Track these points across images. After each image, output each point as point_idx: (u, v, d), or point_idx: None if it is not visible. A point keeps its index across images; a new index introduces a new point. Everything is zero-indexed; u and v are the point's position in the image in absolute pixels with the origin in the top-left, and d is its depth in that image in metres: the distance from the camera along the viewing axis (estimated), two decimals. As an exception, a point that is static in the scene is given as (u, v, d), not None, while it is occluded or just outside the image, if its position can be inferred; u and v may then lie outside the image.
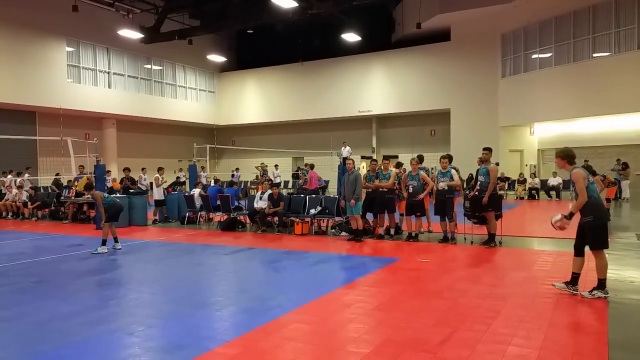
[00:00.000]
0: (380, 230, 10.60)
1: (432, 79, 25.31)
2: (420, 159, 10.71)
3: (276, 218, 11.91)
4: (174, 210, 14.61)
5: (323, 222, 11.83)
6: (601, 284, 5.78)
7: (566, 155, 5.97)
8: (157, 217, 14.33)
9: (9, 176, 17.96)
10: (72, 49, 23.75)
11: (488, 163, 9.31)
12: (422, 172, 10.09)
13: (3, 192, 17.57)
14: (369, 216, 10.91)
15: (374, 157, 24.19)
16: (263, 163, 24.23)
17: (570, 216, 5.83)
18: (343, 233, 10.95)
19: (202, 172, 18.07)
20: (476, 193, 9.20)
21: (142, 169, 17.49)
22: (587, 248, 5.90)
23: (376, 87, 27.08)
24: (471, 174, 14.93)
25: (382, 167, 10.67)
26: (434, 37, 24.71)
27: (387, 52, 26.69)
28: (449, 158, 9.87)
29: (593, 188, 5.80)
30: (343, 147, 22.79)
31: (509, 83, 23.22)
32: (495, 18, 22.82)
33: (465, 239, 9.96)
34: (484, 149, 9.48)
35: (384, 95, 26.83)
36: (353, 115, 27.66)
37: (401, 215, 10.86)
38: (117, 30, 22.55)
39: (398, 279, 6.99)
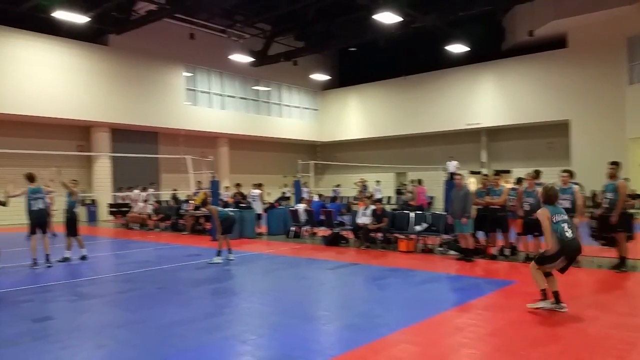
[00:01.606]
0: (493, 250, 10.03)
1: (547, 89, 23.74)
2: (537, 173, 10.01)
3: (380, 234, 11.78)
4: (279, 224, 15.09)
5: (429, 239, 11.47)
6: None
7: None
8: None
9: (136, 191, 19.77)
10: (190, 74, 25.76)
11: (616, 179, 8.45)
12: (538, 189, 9.40)
13: (131, 205, 19.35)
14: (480, 235, 10.37)
15: (485, 171, 23.16)
16: (363, 179, 24.25)
17: None
18: (451, 252, 10.51)
19: (304, 188, 18.50)
20: (603, 212, 8.37)
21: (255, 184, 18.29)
22: None
23: (485, 99, 25.99)
24: (595, 191, 13.65)
25: (494, 183, 10.12)
26: (548, 44, 23.24)
27: (496, 62, 25.57)
28: (570, 173, 9.11)
29: None
30: (449, 162, 22.09)
31: (638, 90, 21.03)
32: (619, 21, 20.90)
33: (592, 262, 9.07)
34: (611, 163, 8.62)
35: (494, 106, 25.64)
36: (460, 129, 26.74)
37: (517, 234, 10.17)
38: (229, 55, 24.10)
39: (515, 304, 6.51)
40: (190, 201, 17.02)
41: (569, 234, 5.78)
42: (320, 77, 29.28)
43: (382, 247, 11.60)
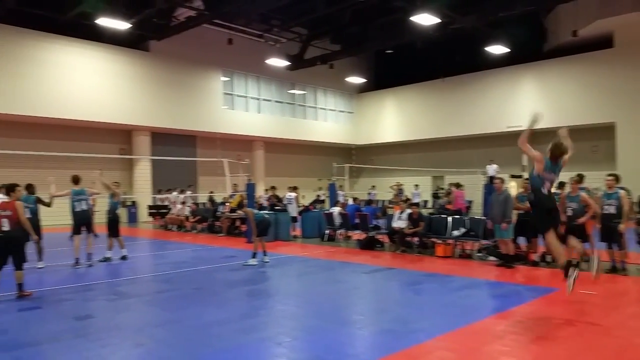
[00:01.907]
0: (535, 257, 9.70)
1: (592, 90, 22.89)
2: (581, 178, 9.63)
3: (416, 238, 11.60)
4: (314, 227, 15.09)
5: (467, 244, 11.21)
6: None
7: None
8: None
9: (174, 193, 20.18)
10: (227, 79, 26.16)
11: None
12: (582, 193, 9.04)
13: (169, 207, 19.77)
14: (521, 240, 10.06)
15: (526, 175, 22.51)
16: (398, 182, 23.99)
17: None
18: (491, 258, 10.23)
19: (339, 191, 18.45)
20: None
21: (290, 187, 18.37)
22: None
23: (526, 101, 25.26)
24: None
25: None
26: (593, 44, 22.41)
27: (538, 63, 24.84)
28: (616, 177, 8.72)
29: None
30: (489, 165, 21.58)
31: (688, 91, 20.02)
32: (668, 19, 19.97)
33: (638, 270, 8.65)
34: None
35: (536, 108, 24.85)
36: (500, 132, 26.09)
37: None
38: (265, 59, 24.34)
39: (558, 312, 6.27)
40: (226, 203, 17.24)
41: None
42: (356, 79, 29.19)
43: (419, 251, 11.41)
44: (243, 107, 26.95)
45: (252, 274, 9.28)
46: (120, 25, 18.43)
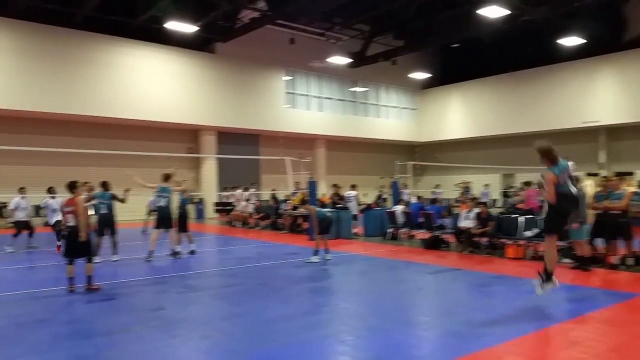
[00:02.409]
0: (614, 259, 9.06)
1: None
2: (622, 175, 8.90)
3: (484, 239, 11.17)
4: (376, 225, 14.94)
5: (540, 246, 10.63)
6: None
7: None
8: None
9: (239, 190, 20.67)
10: (289, 78, 26.46)
11: None
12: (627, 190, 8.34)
13: (234, 204, 20.28)
14: (598, 242, 9.42)
15: (604, 173, 21.19)
16: (465, 180, 23.24)
17: None
18: (566, 260, 9.66)
19: (404, 189, 18.15)
20: None
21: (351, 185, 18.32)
22: None
23: (604, 95, 23.74)
24: None
25: (614, 186, 9.15)
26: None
27: (617, 55, 23.21)
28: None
29: None
30: (563, 163, 20.38)
31: None
32: None
33: None
34: None
35: (615, 103, 23.32)
36: (574, 127, 24.67)
37: (642, 242, 9.11)
38: (327, 57, 24.39)
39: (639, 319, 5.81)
40: (288, 201, 17.44)
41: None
42: (420, 75, 28.60)
43: (487, 252, 10.98)
44: (305, 105, 27.17)
45: (314, 271, 9.30)
46: (187, 28, 19.12)
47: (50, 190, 12.17)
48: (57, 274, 8.30)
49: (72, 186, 7.55)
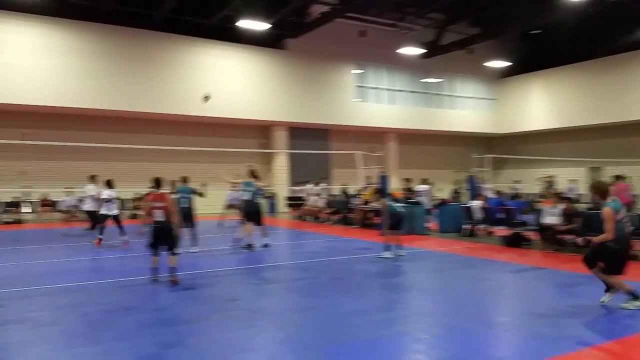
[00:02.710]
0: None
1: None
2: None
3: (570, 236, 10.46)
4: (451, 221, 14.50)
5: (635, 244, 9.78)
6: None
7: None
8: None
9: (309, 185, 20.85)
10: (359, 71, 26.27)
11: None
12: None
13: (305, 198, 20.49)
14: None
15: None
16: (549, 174, 21.94)
17: None
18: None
19: (484, 184, 17.39)
20: None
21: (423, 179, 17.91)
22: None
23: None
24: None
25: None
26: None
27: None
28: None
29: None
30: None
31: None
32: None
33: None
34: None
35: None
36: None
37: None
38: (398, 48, 23.95)
39: None
40: (359, 195, 17.34)
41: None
42: (498, 64, 27.29)
43: (574, 251, 10.28)
44: (375, 99, 26.87)
45: (388, 267, 9.15)
46: (259, 26, 19.50)
47: (110, 184, 12.35)
48: (141, 264, 8.73)
49: (158, 182, 7.85)
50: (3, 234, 15.07)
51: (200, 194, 11.09)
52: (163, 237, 7.44)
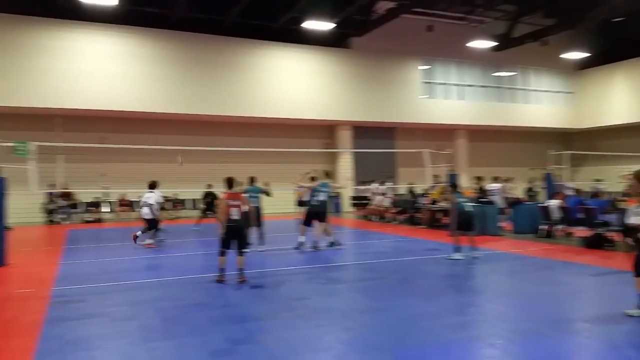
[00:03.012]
0: None
1: None
2: None
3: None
4: (527, 221, 13.84)
5: None
6: None
7: None
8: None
9: (375, 184, 20.65)
10: (427, 67, 25.70)
11: None
12: None
13: (370, 198, 20.31)
14: None
15: None
16: (633, 172, 20.34)
17: None
18: None
19: (565, 182, 16.40)
20: None
21: (494, 177, 17.22)
22: None
23: None
24: None
25: None
26: None
27: None
28: None
29: None
30: None
31: None
32: None
33: None
34: None
35: None
36: None
37: None
38: (467, 42, 23.17)
39: None
40: (426, 195, 16.94)
41: None
42: (576, 55, 25.72)
43: (662, 253, 9.45)
44: (443, 95, 26.18)
45: (458, 269, 8.86)
46: (324, 26, 19.56)
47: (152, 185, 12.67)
48: (208, 262, 8.97)
49: (231, 182, 7.97)
50: (85, 232, 16.14)
51: (267, 194, 11.33)
52: (236, 236, 7.57)
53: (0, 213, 9.58)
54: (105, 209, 20.64)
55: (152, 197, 11.85)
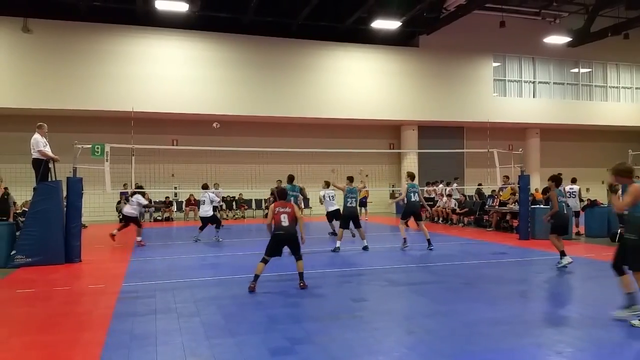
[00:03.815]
0: None
1: None
2: None
3: None
4: (602, 225, 13.03)
5: None
6: None
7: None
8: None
9: (440, 185, 20.18)
10: (498, 64, 24.76)
11: None
12: None
13: (435, 199, 19.85)
14: None
15: None
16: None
17: None
18: None
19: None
20: None
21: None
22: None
23: None
24: None
25: None
26: None
27: None
28: None
29: None
30: None
31: None
32: None
33: None
34: None
35: None
36: None
37: None
38: (542, 38, 22.15)
39: None
40: (496, 197, 16.32)
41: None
42: (659, 49, 23.91)
43: None
44: (516, 92, 25.16)
45: (526, 273, 8.51)
46: (392, 25, 19.33)
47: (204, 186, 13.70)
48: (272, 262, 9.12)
49: (283, 194, 7.82)
50: (154, 231, 16.79)
51: (305, 195, 11.58)
52: (286, 243, 7.35)
53: (76, 212, 10.12)
54: (174, 208, 21.55)
55: (208, 196, 12.91)
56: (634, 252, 5.35)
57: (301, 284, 7.29)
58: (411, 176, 11.91)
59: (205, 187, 13.55)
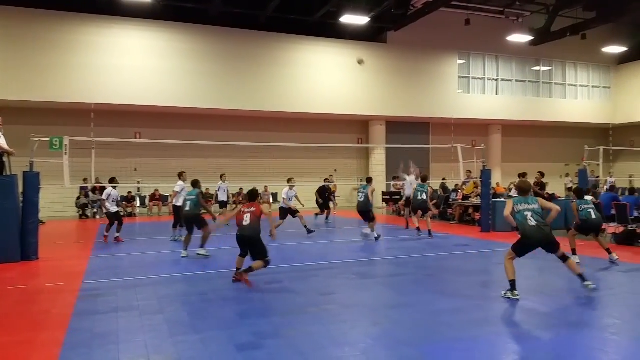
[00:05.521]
0: None
1: None
2: None
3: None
4: (559, 218, 13.47)
5: None
6: None
7: None
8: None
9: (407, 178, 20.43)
10: (463, 61, 25.24)
11: None
12: None
13: (402, 194, 20.07)
14: None
15: None
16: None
17: None
18: None
19: (609, 177, 15.92)
20: None
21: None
22: None
23: None
24: None
25: None
26: None
27: None
28: None
29: None
30: None
31: None
32: None
33: None
34: None
35: None
36: None
37: None
38: (505, 36, 22.67)
39: None
40: (459, 191, 16.70)
41: (531, 222, 6.26)
42: (615, 49, 24.87)
43: None
44: (480, 89, 25.71)
45: (487, 265, 8.79)
46: (360, 20, 19.41)
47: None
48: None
49: (254, 196, 7.73)
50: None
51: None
52: (246, 244, 7.28)
53: (33, 207, 9.70)
54: (137, 203, 21.05)
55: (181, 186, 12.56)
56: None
57: (239, 277, 7.08)
58: (423, 178, 13.30)
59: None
